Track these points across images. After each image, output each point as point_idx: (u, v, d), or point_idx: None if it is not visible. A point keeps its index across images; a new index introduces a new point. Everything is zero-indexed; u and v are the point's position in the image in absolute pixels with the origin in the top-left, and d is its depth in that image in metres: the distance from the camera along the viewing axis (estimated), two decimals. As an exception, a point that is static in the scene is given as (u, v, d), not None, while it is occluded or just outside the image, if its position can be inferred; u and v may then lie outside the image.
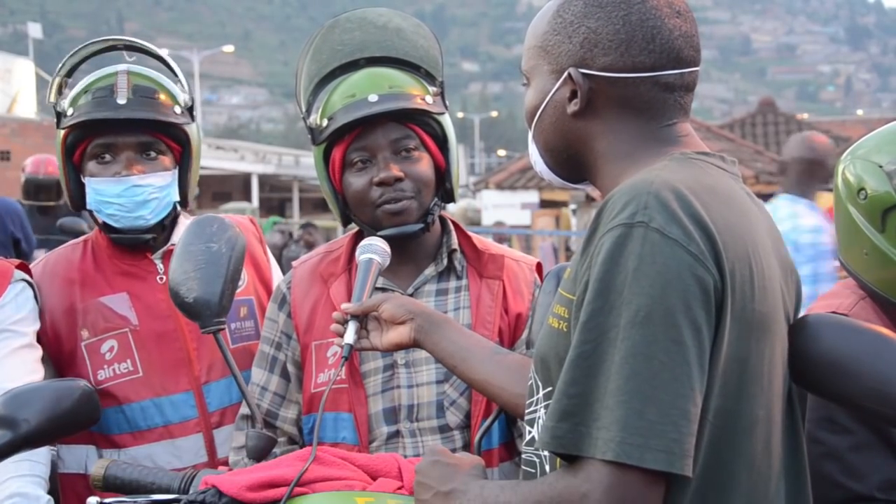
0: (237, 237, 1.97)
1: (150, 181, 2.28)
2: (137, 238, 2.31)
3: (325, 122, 2.11)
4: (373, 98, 2.07)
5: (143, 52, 2.43)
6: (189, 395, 2.28)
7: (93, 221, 2.36)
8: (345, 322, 1.82)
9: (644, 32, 1.42)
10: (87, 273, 2.34)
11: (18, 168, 7.91)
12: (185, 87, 2.39)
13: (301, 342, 2.15)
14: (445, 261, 2.15)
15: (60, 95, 2.34)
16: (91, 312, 2.30)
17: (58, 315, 2.30)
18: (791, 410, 1.48)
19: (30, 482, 2.08)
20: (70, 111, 2.28)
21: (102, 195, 2.28)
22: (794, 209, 4.74)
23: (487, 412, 2.02)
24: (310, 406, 2.12)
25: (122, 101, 2.25)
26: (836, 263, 3.81)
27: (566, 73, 1.45)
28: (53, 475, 2.25)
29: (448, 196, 2.18)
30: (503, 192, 20.14)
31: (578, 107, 1.45)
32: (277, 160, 30.26)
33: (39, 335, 2.26)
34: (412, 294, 2.11)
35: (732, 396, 1.33)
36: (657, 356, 1.24)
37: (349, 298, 2.11)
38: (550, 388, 1.39)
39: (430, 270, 2.15)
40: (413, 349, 1.96)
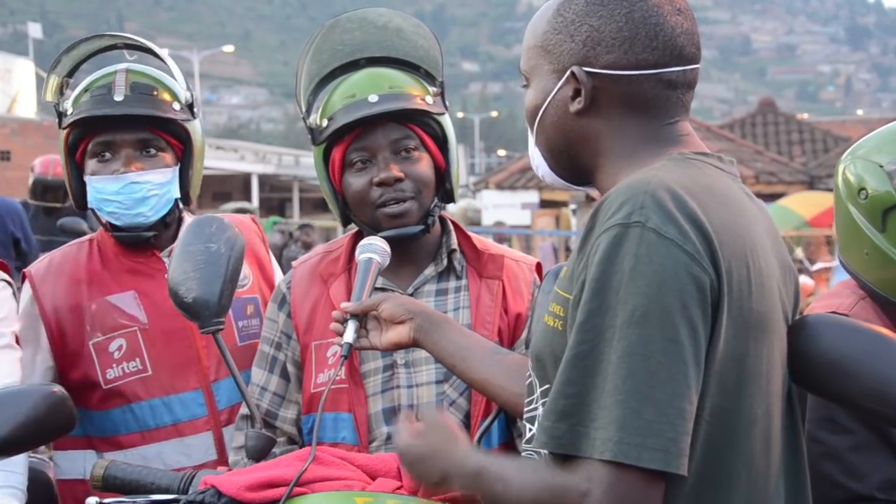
0: (236, 237, 1.97)
1: (149, 178, 2.28)
2: (139, 236, 2.31)
3: (325, 123, 2.11)
4: (373, 98, 2.07)
5: (143, 51, 2.43)
6: (198, 394, 2.28)
7: (95, 221, 2.36)
8: (344, 321, 1.82)
9: (647, 30, 1.43)
10: (94, 272, 2.33)
11: (18, 168, 7.94)
12: (184, 86, 2.39)
13: (301, 342, 2.14)
14: (445, 261, 2.15)
15: (62, 96, 2.33)
16: (99, 311, 2.29)
17: (63, 314, 2.29)
18: (790, 410, 1.48)
19: (2, 494, 2.03)
20: (71, 110, 2.28)
21: (102, 193, 2.28)
22: None
23: (487, 412, 2.02)
24: (309, 406, 2.11)
25: (119, 98, 2.25)
26: None
27: (569, 72, 1.45)
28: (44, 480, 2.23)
29: (448, 196, 2.18)
30: (503, 192, 20.14)
31: (582, 105, 1.45)
32: (277, 160, 30.26)
33: (45, 334, 2.25)
34: (412, 294, 2.11)
35: (730, 395, 1.33)
36: (654, 355, 1.25)
37: (349, 298, 2.11)
38: (548, 386, 1.40)
39: (430, 270, 2.15)
40: (413, 349, 1.96)
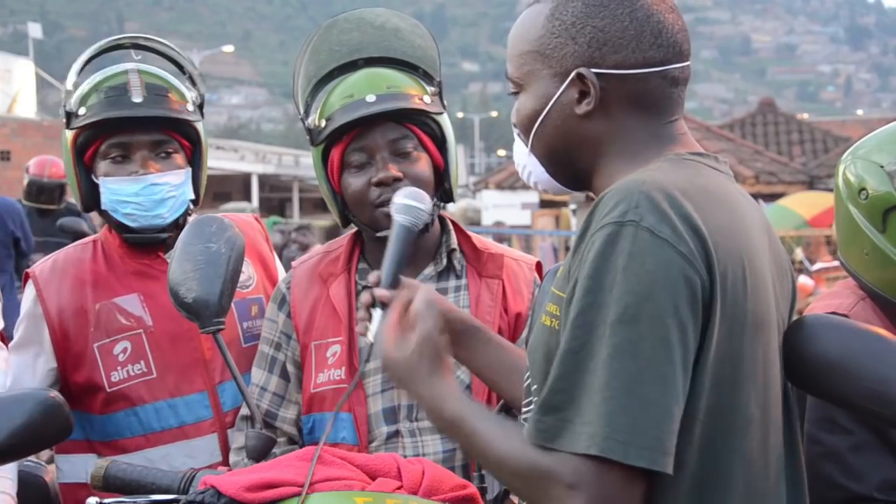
0: (236, 237, 1.97)
1: (167, 179, 2.27)
2: (154, 237, 2.29)
3: (324, 123, 2.11)
4: (371, 98, 2.07)
5: (154, 52, 2.41)
6: (203, 396, 2.27)
7: (93, 222, 2.34)
8: (372, 307, 1.64)
9: (651, 27, 1.43)
10: (99, 274, 2.31)
11: (18, 168, 7.93)
12: (197, 83, 2.38)
13: (300, 342, 2.15)
14: (445, 260, 2.15)
15: (67, 95, 2.30)
16: (104, 313, 2.27)
17: (67, 315, 2.27)
18: (787, 410, 1.48)
19: None
20: (82, 111, 2.25)
21: (119, 195, 2.26)
22: None
23: (487, 412, 2.02)
24: (309, 406, 2.11)
25: (139, 100, 2.24)
26: None
27: (573, 75, 1.44)
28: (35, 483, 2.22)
29: (447, 196, 2.18)
30: (503, 192, 20.13)
31: (591, 106, 1.44)
32: (277, 160, 30.23)
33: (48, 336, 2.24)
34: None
35: (726, 395, 1.33)
36: (643, 355, 1.25)
37: (348, 299, 2.11)
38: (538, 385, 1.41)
39: (430, 270, 2.15)
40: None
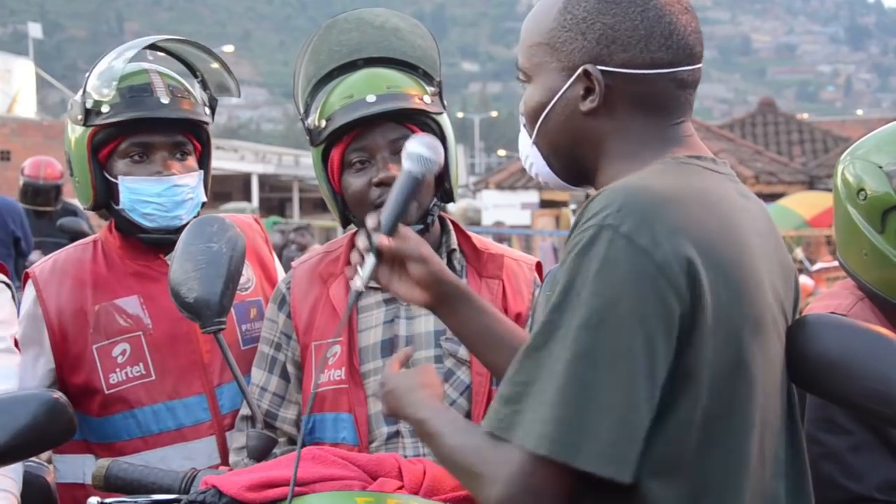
0: (237, 237, 1.97)
1: (187, 181, 2.28)
2: (168, 238, 2.27)
3: (324, 123, 2.11)
4: (371, 98, 2.07)
5: (206, 52, 2.40)
6: (202, 398, 2.27)
7: (90, 222, 2.33)
8: (367, 251, 1.61)
9: (662, 28, 1.42)
10: (99, 275, 2.31)
11: (18, 168, 7.91)
12: (209, 85, 2.38)
13: (301, 342, 2.14)
14: (445, 260, 2.15)
15: (84, 93, 2.27)
16: (103, 315, 2.27)
17: (67, 317, 2.27)
18: (790, 410, 1.47)
19: None
20: (105, 108, 2.24)
21: (140, 194, 2.26)
22: None
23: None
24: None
25: (166, 101, 2.25)
26: None
27: (580, 70, 1.43)
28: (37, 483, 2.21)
29: (448, 196, 2.18)
30: (503, 192, 20.13)
31: (595, 104, 1.43)
32: (277, 160, 30.21)
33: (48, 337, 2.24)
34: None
35: (725, 401, 1.32)
36: (604, 362, 1.25)
37: (348, 299, 2.10)
38: None
39: (430, 270, 2.14)
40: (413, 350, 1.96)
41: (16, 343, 2.16)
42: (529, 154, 1.56)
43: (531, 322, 1.99)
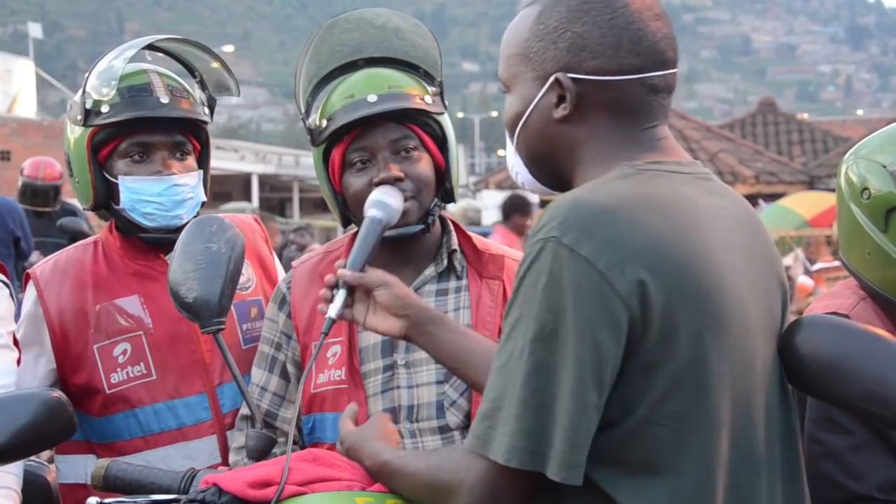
0: (237, 237, 1.97)
1: (187, 180, 2.28)
2: (167, 238, 2.27)
3: (325, 123, 2.11)
4: (372, 98, 2.07)
5: (205, 51, 2.40)
6: (203, 398, 2.27)
7: (90, 222, 2.33)
8: (335, 287, 1.79)
9: (630, 35, 1.45)
10: (100, 275, 2.31)
11: (18, 168, 7.91)
12: (207, 85, 2.38)
13: (301, 342, 2.14)
14: (445, 261, 2.15)
15: (84, 94, 2.27)
16: (104, 315, 2.27)
17: (67, 317, 2.27)
18: (787, 410, 1.48)
19: None
20: (105, 108, 2.23)
21: (140, 194, 2.26)
22: None
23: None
24: (310, 406, 2.11)
25: (166, 100, 2.25)
26: None
27: (552, 79, 1.46)
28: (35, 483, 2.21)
29: (448, 196, 2.18)
30: (503, 192, 20.04)
31: (567, 111, 1.47)
32: (277, 160, 30.20)
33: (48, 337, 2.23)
34: (412, 294, 2.11)
35: (691, 399, 1.35)
36: (557, 371, 1.31)
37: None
38: None
39: (430, 271, 2.15)
40: (413, 349, 1.96)
41: (15, 341, 2.16)
42: (514, 163, 1.60)
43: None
